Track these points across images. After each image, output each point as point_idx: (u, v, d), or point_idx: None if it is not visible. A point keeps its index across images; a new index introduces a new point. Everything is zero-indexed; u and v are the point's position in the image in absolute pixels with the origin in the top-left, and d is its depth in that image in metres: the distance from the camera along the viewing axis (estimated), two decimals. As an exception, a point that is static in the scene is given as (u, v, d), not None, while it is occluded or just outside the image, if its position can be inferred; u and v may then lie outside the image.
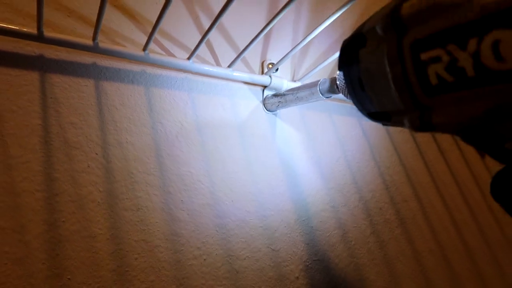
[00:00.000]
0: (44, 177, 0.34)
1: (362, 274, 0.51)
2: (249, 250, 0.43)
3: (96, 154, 0.37)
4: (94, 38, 0.37)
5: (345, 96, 0.34)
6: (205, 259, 0.40)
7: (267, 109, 0.51)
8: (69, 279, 0.33)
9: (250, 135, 0.49)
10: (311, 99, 0.43)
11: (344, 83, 0.25)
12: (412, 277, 0.56)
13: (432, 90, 0.18)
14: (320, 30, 0.40)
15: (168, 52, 0.45)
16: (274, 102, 0.50)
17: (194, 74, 0.46)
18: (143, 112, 0.41)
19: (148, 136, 0.41)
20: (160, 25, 0.36)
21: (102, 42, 0.38)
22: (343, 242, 0.51)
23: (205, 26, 0.49)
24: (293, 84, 0.52)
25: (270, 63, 0.53)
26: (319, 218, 0.50)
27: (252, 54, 0.53)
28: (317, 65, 0.49)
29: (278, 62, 0.46)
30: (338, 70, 0.27)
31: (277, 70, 0.53)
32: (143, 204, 0.38)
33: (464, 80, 0.17)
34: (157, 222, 0.39)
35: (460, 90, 0.17)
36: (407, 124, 0.21)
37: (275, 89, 0.51)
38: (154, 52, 0.43)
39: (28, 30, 0.34)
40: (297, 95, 0.45)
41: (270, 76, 0.50)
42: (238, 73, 0.47)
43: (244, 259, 0.43)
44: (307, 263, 0.47)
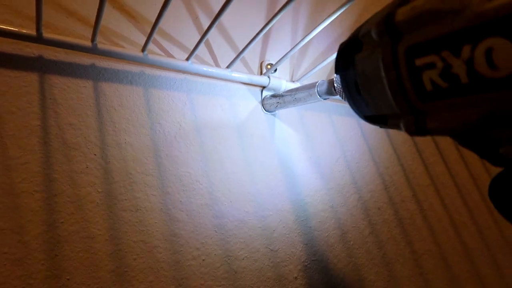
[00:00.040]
0: (43, 178, 0.34)
1: (361, 274, 0.51)
2: (248, 251, 0.43)
3: (95, 155, 0.37)
4: (93, 39, 0.37)
5: (343, 99, 0.34)
6: (204, 260, 0.40)
7: (266, 110, 0.51)
8: (68, 280, 0.33)
9: (249, 136, 0.49)
10: (309, 101, 0.43)
11: (341, 87, 0.25)
12: (411, 278, 0.56)
13: (427, 96, 0.18)
14: (319, 31, 0.40)
15: (167, 53, 0.45)
16: (273, 103, 0.50)
17: (193, 75, 0.46)
18: (142, 113, 0.41)
19: (147, 137, 0.41)
20: (159, 26, 0.36)
21: (101, 43, 0.38)
22: (342, 242, 0.51)
23: (205, 27, 0.49)
24: (292, 85, 0.52)
25: (269, 64, 0.53)
26: (318, 218, 0.50)
27: (251, 55, 0.53)
28: (316, 66, 0.49)
29: (277, 63, 0.46)
30: (335, 74, 0.27)
31: (276, 71, 0.53)
32: (142, 205, 0.38)
33: (458, 87, 0.17)
34: (156, 223, 0.39)
35: (454, 97, 0.17)
36: (403, 128, 0.21)
37: (274, 90, 0.51)
38: (153, 53, 0.43)
39: (27, 32, 0.34)
40: (295, 96, 0.45)
41: (269, 77, 0.50)
42: (237, 74, 0.47)
43: (243, 260, 0.43)
44: (306, 263, 0.47)
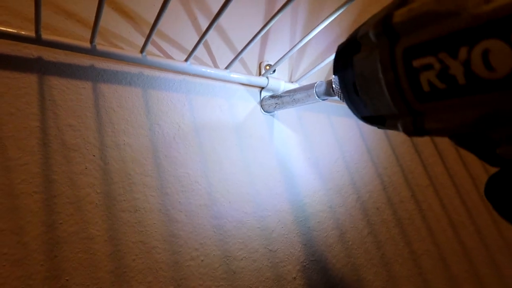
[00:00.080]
0: (42, 179, 0.34)
1: (360, 275, 0.51)
2: (247, 251, 0.44)
3: (94, 156, 0.37)
4: (92, 41, 0.37)
5: (341, 100, 0.34)
6: (203, 260, 0.40)
7: (264, 111, 0.51)
8: (67, 280, 0.33)
9: (248, 137, 0.49)
10: (308, 101, 0.43)
11: (339, 87, 0.25)
12: (410, 278, 0.56)
13: (424, 97, 0.19)
14: (317, 31, 0.40)
15: (166, 54, 0.45)
16: (271, 104, 0.50)
17: (192, 76, 0.46)
18: (141, 114, 0.42)
19: (146, 138, 0.41)
20: (158, 27, 0.36)
21: (100, 45, 0.38)
22: (341, 243, 0.51)
23: (203, 28, 0.49)
24: (291, 85, 0.52)
25: (268, 65, 0.53)
26: (317, 219, 0.51)
27: (250, 56, 0.53)
28: (314, 67, 0.49)
29: (276, 64, 0.46)
30: (333, 75, 0.27)
31: (275, 71, 0.54)
32: (141, 206, 0.39)
33: (455, 88, 0.17)
34: (155, 224, 0.39)
35: (452, 98, 0.17)
36: (401, 128, 0.21)
37: (273, 90, 0.51)
38: (152, 54, 0.43)
39: (26, 33, 0.34)
40: (294, 97, 0.45)
41: (267, 78, 0.50)
42: (236, 75, 0.47)
43: (242, 260, 0.43)
44: (305, 264, 0.47)
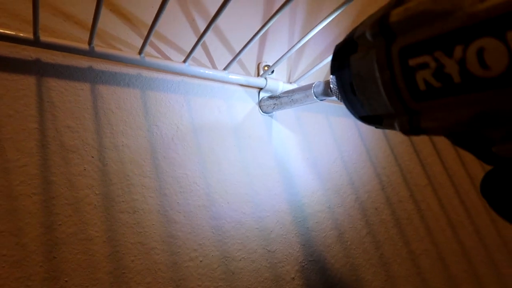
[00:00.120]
0: (41, 181, 0.34)
1: (358, 275, 0.51)
2: (245, 251, 0.44)
3: (92, 157, 0.38)
4: (90, 42, 0.37)
5: (339, 100, 0.34)
6: (201, 261, 0.41)
7: (263, 111, 0.51)
8: (66, 282, 0.33)
9: (246, 137, 0.49)
10: (306, 102, 0.43)
11: (337, 88, 0.26)
12: (408, 278, 0.56)
13: (420, 96, 0.19)
14: (315, 32, 0.40)
15: (164, 55, 0.45)
16: (270, 104, 0.50)
17: (190, 77, 0.46)
18: (139, 115, 0.42)
19: (144, 139, 0.41)
20: (156, 28, 0.36)
21: (98, 46, 0.38)
22: (339, 243, 0.51)
23: (201, 29, 0.49)
24: (289, 86, 0.52)
25: (266, 65, 0.53)
26: (315, 219, 0.51)
27: (248, 56, 0.53)
28: (313, 67, 0.49)
29: (274, 64, 0.46)
30: (331, 75, 0.27)
31: (273, 72, 0.54)
32: (139, 207, 0.39)
33: (451, 86, 0.17)
34: (154, 225, 0.39)
35: (447, 96, 0.17)
36: (397, 128, 0.21)
37: (271, 91, 0.51)
38: (150, 55, 0.43)
39: (24, 35, 0.35)
40: (292, 98, 0.45)
41: (266, 78, 0.50)
42: (234, 76, 0.47)
43: (240, 260, 0.43)
44: (303, 264, 0.47)
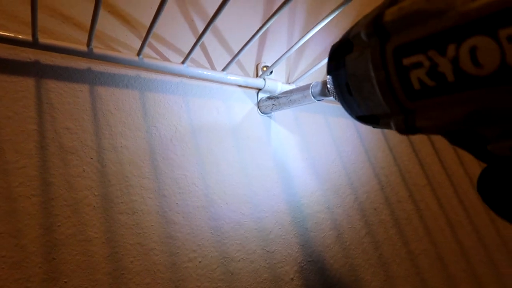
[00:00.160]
0: (40, 182, 0.35)
1: (357, 275, 0.51)
2: (244, 252, 0.44)
3: (91, 159, 0.38)
4: (89, 44, 0.37)
5: (336, 100, 0.34)
6: (200, 261, 0.41)
7: (262, 112, 0.52)
8: (65, 283, 0.33)
9: (245, 138, 0.49)
10: (304, 102, 0.43)
11: (333, 88, 0.26)
12: (407, 278, 0.56)
13: (415, 95, 0.19)
14: (314, 33, 0.40)
15: (163, 56, 0.46)
16: (268, 105, 0.50)
17: (189, 78, 0.46)
18: (138, 116, 0.42)
19: (143, 140, 0.41)
20: (155, 30, 0.36)
21: (97, 48, 0.38)
22: (338, 243, 0.51)
23: (200, 30, 0.49)
24: (288, 87, 0.52)
25: (265, 66, 0.53)
26: (314, 220, 0.51)
27: (247, 57, 0.53)
28: (312, 68, 0.49)
29: (273, 65, 0.46)
30: (327, 75, 0.27)
31: (272, 73, 0.54)
32: (138, 208, 0.39)
33: (445, 85, 0.17)
34: (152, 225, 0.39)
35: (441, 95, 0.17)
36: (394, 127, 0.22)
37: (270, 92, 0.51)
38: (149, 57, 0.43)
39: (23, 37, 0.35)
40: (290, 98, 0.45)
41: (264, 79, 0.50)
42: (232, 76, 0.47)
43: (239, 261, 0.43)
44: (302, 264, 0.47)
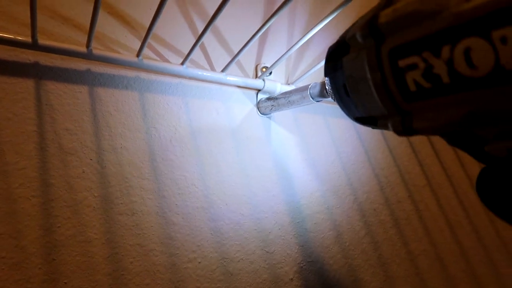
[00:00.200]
0: (40, 183, 0.35)
1: (357, 275, 0.51)
2: (244, 253, 0.44)
3: (91, 160, 0.38)
4: (88, 45, 0.38)
5: (333, 101, 0.34)
6: (200, 262, 0.41)
7: (261, 113, 0.52)
8: (66, 283, 0.33)
9: (244, 139, 0.49)
10: (303, 103, 0.43)
11: (331, 89, 0.26)
12: (407, 278, 0.56)
13: (411, 96, 0.19)
14: (314, 33, 0.40)
15: (163, 57, 0.46)
16: (267, 106, 0.50)
17: (188, 79, 0.47)
18: (137, 118, 0.42)
19: (142, 141, 0.41)
20: (155, 31, 0.36)
21: (96, 49, 0.38)
22: (338, 244, 0.52)
23: (200, 30, 0.49)
24: (287, 87, 0.52)
25: (264, 67, 0.53)
26: (314, 220, 0.51)
27: (247, 58, 0.53)
28: (311, 68, 0.49)
29: (272, 66, 0.46)
30: (325, 76, 0.27)
31: (271, 74, 0.54)
32: (138, 209, 0.39)
33: (440, 87, 0.17)
34: (152, 226, 0.39)
35: (437, 96, 0.17)
36: (391, 128, 0.22)
37: (269, 93, 0.51)
38: (148, 58, 0.43)
39: (23, 39, 0.35)
40: (289, 99, 0.45)
41: (264, 80, 0.50)
42: (232, 77, 0.48)
43: (239, 262, 0.43)
44: (301, 265, 0.47)
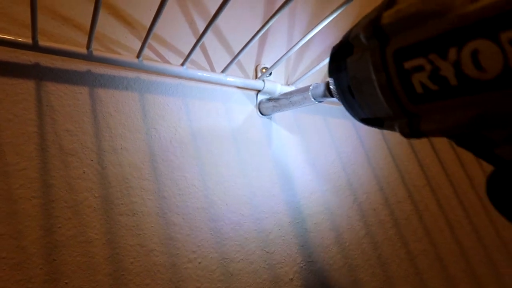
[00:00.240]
0: (41, 184, 0.35)
1: (356, 275, 0.51)
2: (244, 253, 0.44)
3: (91, 161, 0.38)
4: (88, 46, 0.38)
5: (339, 101, 0.34)
6: (200, 262, 0.41)
7: (262, 113, 0.52)
8: (66, 284, 0.34)
9: (244, 139, 0.49)
10: (304, 104, 0.43)
11: (335, 90, 0.26)
12: (407, 278, 0.56)
13: (418, 98, 0.19)
14: (313, 34, 0.40)
15: (163, 58, 0.46)
16: (269, 107, 0.50)
17: (188, 80, 0.47)
18: (138, 118, 0.42)
19: (143, 142, 0.41)
20: (155, 31, 0.36)
21: (96, 50, 0.38)
22: (338, 244, 0.52)
23: (201, 31, 0.49)
24: (287, 88, 0.52)
25: (264, 68, 0.53)
26: (313, 220, 0.51)
27: (247, 59, 0.53)
28: (311, 69, 0.49)
29: (272, 67, 0.46)
30: (329, 77, 0.26)
31: (271, 74, 0.54)
32: (138, 209, 0.39)
33: (448, 89, 0.17)
34: (152, 227, 0.39)
35: (445, 99, 0.17)
36: (398, 130, 0.21)
37: (269, 93, 0.51)
38: (149, 59, 0.43)
39: (23, 40, 0.35)
40: (291, 100, 0.45)
41: (264, 81, 0.50)
42: (231, 78, 0.48)
43: (239, 262, 0.43)
44: (301, 265, 0.48)
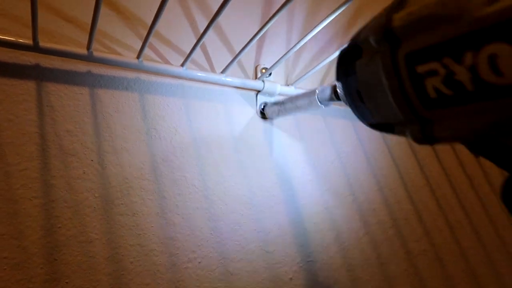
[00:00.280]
0: (41, 184, 0.35)
1: (356, 275, 0.52)
2: (243, 253, 0.44)
3: (92, 161, 0.38)
4: (89, 47, 0.38)
5: (347, 105, 0.33)
6: (200, 262, 0.41)
7: (268, 117, 0.52)
8: (67, 283, 0.34)
9: (244, 139, 0.50)
10: (310, 108, 0.42)
11: (343, 95, 0.25)
12: (406, 278, 0.57)
13: (431, 104, 0.18)
14: (313, 35, 0.40)
15: (163, 58, 0.46)
16: (274, 111, 0.50)
17: (188, 80, 0.47)
18: (138, 119, 0.42)
19: (143, 142, 0.42)
20: (156, 30, 0.36)
21: (96, 51, 0.39)
22: (337, 243, 0.52)
23: (201, 30, 0.49)
24: (287, 88, 0.52)
25: (264, 68, 0.53)
26: (313, 220, 0.51)
27: (246, 59, 0.53)
28: (311, 69, 0.49)
29: (271, 67, 0.46)
30: (336, 81, 0.25)
31: (271, 75, 0.54)
32: (138, 209, 0.39)
33: (464, 94, 0.16)
34: (152, 227, 0.39)
35: (460, 105, 0.16)
36: (409, 136, 0.20)
37: (269, 94, 0.52)
38: (149, 59, 0.43)
39: (24, 41, 0.35)
40: (296, 104, 0.45)
41: (263, 81, 0.50)
42: (231, 79, 0.48)
43: (238, 261, 0.44)
44: (301, 265, 0.48)
